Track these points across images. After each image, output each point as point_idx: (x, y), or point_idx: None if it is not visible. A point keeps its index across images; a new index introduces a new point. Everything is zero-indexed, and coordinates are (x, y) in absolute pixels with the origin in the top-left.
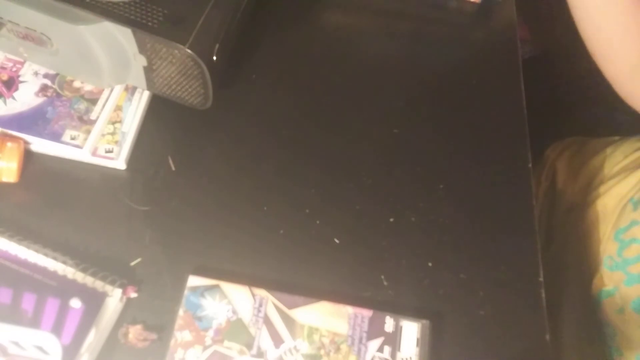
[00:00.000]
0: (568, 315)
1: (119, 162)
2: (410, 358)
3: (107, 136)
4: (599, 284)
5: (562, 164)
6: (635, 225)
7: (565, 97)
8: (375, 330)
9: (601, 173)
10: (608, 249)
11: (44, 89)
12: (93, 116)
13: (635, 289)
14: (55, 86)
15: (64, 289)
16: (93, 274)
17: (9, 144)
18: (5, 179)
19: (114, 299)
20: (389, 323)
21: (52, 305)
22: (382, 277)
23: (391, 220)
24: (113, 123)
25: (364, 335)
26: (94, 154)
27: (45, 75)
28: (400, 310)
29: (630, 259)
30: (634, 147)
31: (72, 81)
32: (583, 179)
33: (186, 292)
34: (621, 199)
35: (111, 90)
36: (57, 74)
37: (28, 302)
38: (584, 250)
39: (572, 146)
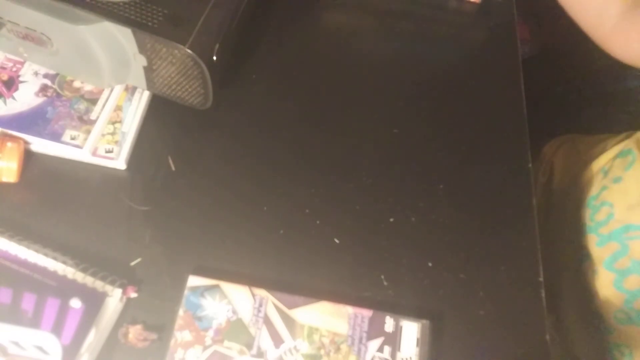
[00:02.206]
0: (566, 294)
1: (119, 162)
2: (410, 358)
3: (107, 136)
4: (580, 254)
5: (559, 160)
6: (604, 190)
7: (565, 96)
8: (375, 330)
9: (596, 164)
10: (582, 216)
11: (44, 89)
12: (93, 116)
13: (606, 248)
14: (55, 86)
15: (64, 289)
16: (93, 274)
17: (9, 144)
18: (5, 179)
19: (114, 299)
20: (389, 323)
21: (52, 305)
22: (382, 277)
23: (391, 220)
24: (113, 123)
25: (364, 335)
26: (94, 154)
27: (45, 75)
28: (400, 310)
29: (601, 221)
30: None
31: (72, 81)
32: (579, 172)
33: (186, 292)
34: (598, 171)
35: (111, 90)
36: (57, 74)
37: (28, 302)
38: (574, 230)
39: (568, 142)
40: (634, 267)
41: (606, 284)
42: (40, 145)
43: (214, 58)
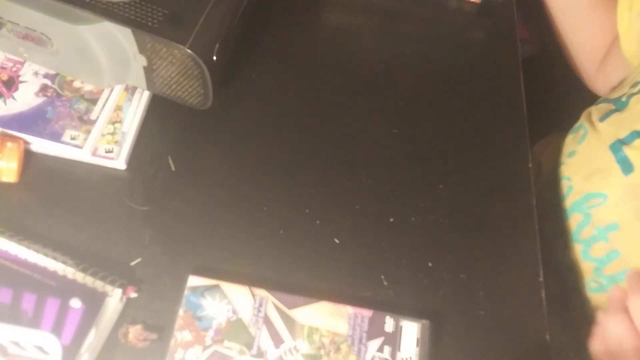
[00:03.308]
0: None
1: (119, 162)
2: (410, 358)
3: (107, 136)
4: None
5: (547, 159)
6: (562, 165)
7: (565, 96)
8: (375, 330)
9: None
10: (556, 203)
11: (44, 89)
12: (93, 116)
13: (571, 221)
14: (55, 86)
15: (64, 289)
16: (93, 274)
17: (9, 144)
18: (5, 179)
19: (114, 299)
20: (389, 323)
21: (52, 305)
22: (382, 277)
23: (391, 220)
24: (113, 123)
25: (364, 335)
26: (94, 154)
27: (45, 75)
28: (400, 310)
29: (562, 195)
30: None
31: (72, 81)
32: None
33: (186, 292)
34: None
35: (111, 90)
36: (57, 74)
37: (28, 302)
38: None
39: (556, 141)
40: (599, 234)
41: (575, 256)
42: (40, 145)
43: (214, 58)
